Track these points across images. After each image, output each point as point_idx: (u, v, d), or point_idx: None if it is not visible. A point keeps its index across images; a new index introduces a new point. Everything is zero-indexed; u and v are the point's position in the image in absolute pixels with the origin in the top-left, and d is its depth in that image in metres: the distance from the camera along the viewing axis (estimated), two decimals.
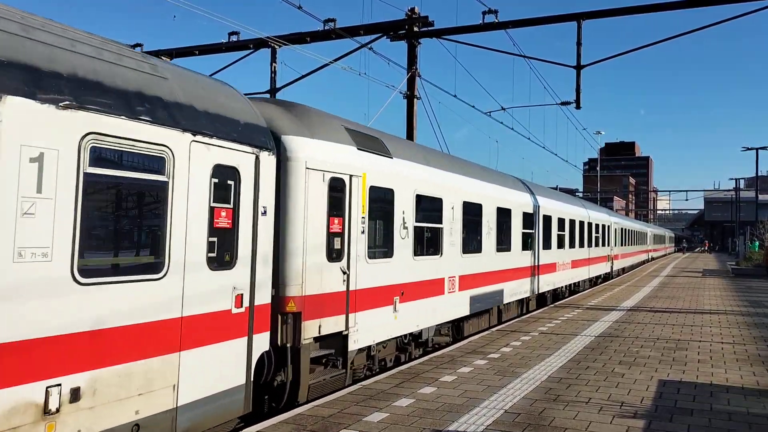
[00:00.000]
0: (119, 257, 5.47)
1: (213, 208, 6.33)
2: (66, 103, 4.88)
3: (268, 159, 7.17)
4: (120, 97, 5.39)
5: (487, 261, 14.22)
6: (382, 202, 9.77)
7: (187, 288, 5.94)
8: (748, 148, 60.23)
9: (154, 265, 5.66)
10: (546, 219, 19.31)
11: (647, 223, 76.71)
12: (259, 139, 7.05)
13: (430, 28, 17.85)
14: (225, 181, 6.53)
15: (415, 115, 18.26)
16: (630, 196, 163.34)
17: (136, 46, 19.98)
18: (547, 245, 19.41)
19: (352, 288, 8.74)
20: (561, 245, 21.27)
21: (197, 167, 6.12)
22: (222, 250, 6.48)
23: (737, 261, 47.59)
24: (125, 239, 5.58)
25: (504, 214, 15.49)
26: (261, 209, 7.04)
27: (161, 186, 5.75)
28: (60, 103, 4.84)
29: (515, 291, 16.32)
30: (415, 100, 18.24)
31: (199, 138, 6.15)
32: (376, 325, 9.44)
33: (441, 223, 11.78)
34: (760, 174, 62.13)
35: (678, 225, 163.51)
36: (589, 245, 26.36)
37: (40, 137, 4.68)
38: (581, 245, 24.55)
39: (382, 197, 9.74)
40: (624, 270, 38.99)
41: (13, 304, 4.46)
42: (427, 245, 11.35)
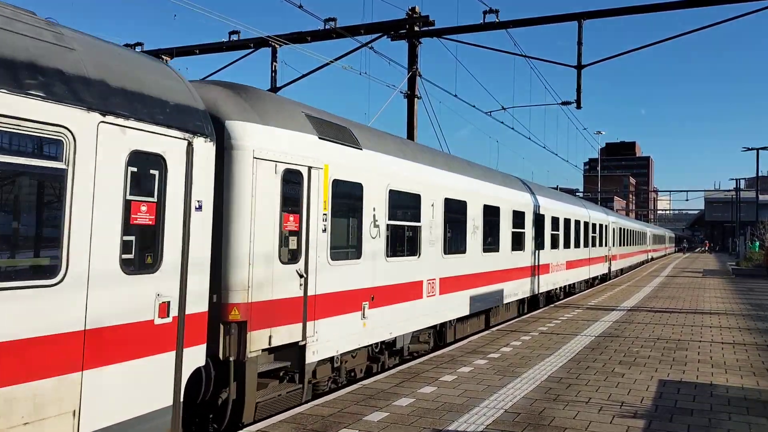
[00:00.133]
0: (5, 260, 4.56)
1: (129, 201, 5.41)
2: None
3: (205, 146, 6.24)
4: (3, 68, 4.49)
5: (473, 262, 13.29)
6: (348, 197, 8.85)
7: (93, 296, 5.02)
8: (749, 149, 60.06)
9: (48, 268, 4.74)
10: (538, 218, 18.34)
11: (647, 223, 75.79)
12: (192, 123, 6.12)
13: (430, 28, 17.74)
14: (146, 170, 5.61)
15: (416, 114, 18.13)
16: (630, 196, 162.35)
17: (137, 45, 19.65)
18: (540, 245, 18.47)
19: (311, 293, 7.81)
20: (555, 245, 20.30)
21: (107, 153, 5.20)
22: (142, 251, 5.56)
23: (737, 261, 47.90)
24: (8, 239, 4.66)
25: (492, 213, 14.56)
26: (195, 203, 6.12)
27: (58, 175, 4.83)
28: None
29: (505, 293, 15.37)
30: (415, 99, 18.06)
31: (111, 119, 5.23)
32: (341, 334, 8.51)
33: (419, 221, 10.85)
34: (760, 174, 61.59)
35: (678, 225, 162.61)
36: (585, 245, 25.40)
37: None
38: (576, 245, 23.56)
39: (348, 192, 8.82)
40: (622, 271, 38.05)
41: None
42: (402, 245, 10.43)
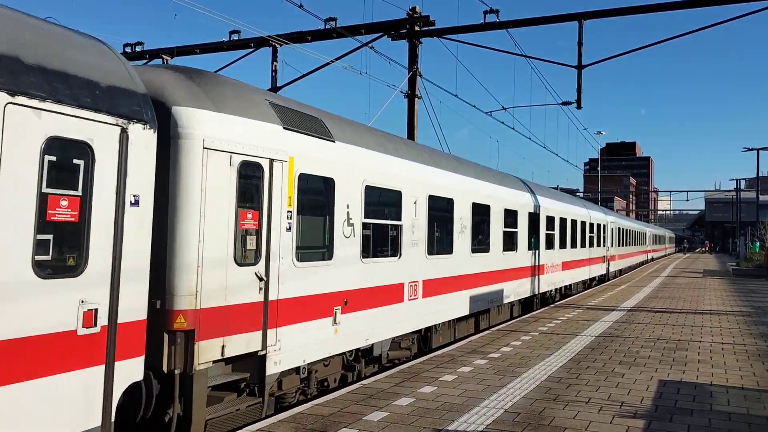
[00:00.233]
0: None
1: (46, 194, 4.73)
2: None
3: (143, 133, 5.56)
4: None
5: (461, 263, 12.60)
6: (318, 193, 8.17)
7: None
8: (749, 149, 59.79)
9: None
10: (534, 217, 17.65)
11: (646, 223, 75.07)
12: (128, 107, 5.44)
13: (431, 28, 17.62)
14: (68, 159, 4.93)
15: (416, 114, 18.01)
16: (631, 196, 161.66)
17: (137, 44, 19.54)
18: (536, 245, 17.77)
19: (272, 297, 7.12)
20: (551, 245, 19.61)
21: (17, 139, 4.52)
22: (62, 252, 4.88)
23: (738, 262, 47.84)
24: None
25: (483, 212, 13.86)
26: (130, 198, 5.44)
27: None
28: None
29: (497, 296, 14.69)
30: (416, 99, 17.91)
31: (22, 100, 4.55)
32: (309, 342, 7.82)
33: (400, 219, 10.16)
34: (761, 174, 61.06)
35: (679, 225, 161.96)
36: (584, 245, 24.70)
37: None
38: (573, 245, 22.85)
39: (317, 188, 8.13)
40: (621, 272, 37.34)
41: None
42: (380, 245, 9.74)
